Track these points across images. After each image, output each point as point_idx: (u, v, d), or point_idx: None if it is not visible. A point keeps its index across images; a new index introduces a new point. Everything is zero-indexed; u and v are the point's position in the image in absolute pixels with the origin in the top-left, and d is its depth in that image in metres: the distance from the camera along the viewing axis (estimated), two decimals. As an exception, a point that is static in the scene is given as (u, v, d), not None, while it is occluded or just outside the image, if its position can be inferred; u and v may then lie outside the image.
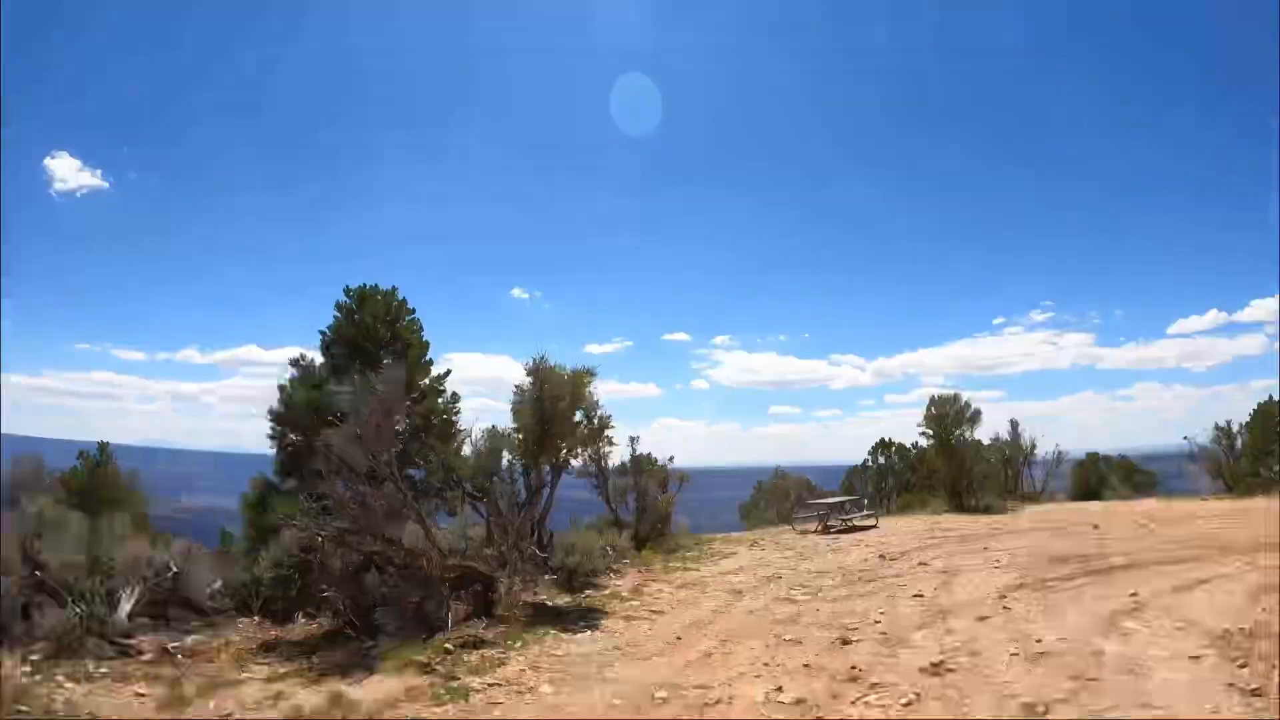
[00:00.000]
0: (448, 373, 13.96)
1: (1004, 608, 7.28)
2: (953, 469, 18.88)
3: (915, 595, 8.13)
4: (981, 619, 6.91)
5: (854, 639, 6.57)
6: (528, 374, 10.42)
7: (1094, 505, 19.52)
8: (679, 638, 7.25)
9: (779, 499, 24.52)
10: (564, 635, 7.58)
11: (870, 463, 25.84)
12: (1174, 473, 26.17)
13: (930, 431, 19.29)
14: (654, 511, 15.93)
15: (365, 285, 14.31)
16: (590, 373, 11.23)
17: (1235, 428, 18.69)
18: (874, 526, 15.93)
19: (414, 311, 14.34)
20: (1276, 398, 18.05)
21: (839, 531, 15.40)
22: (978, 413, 18.94)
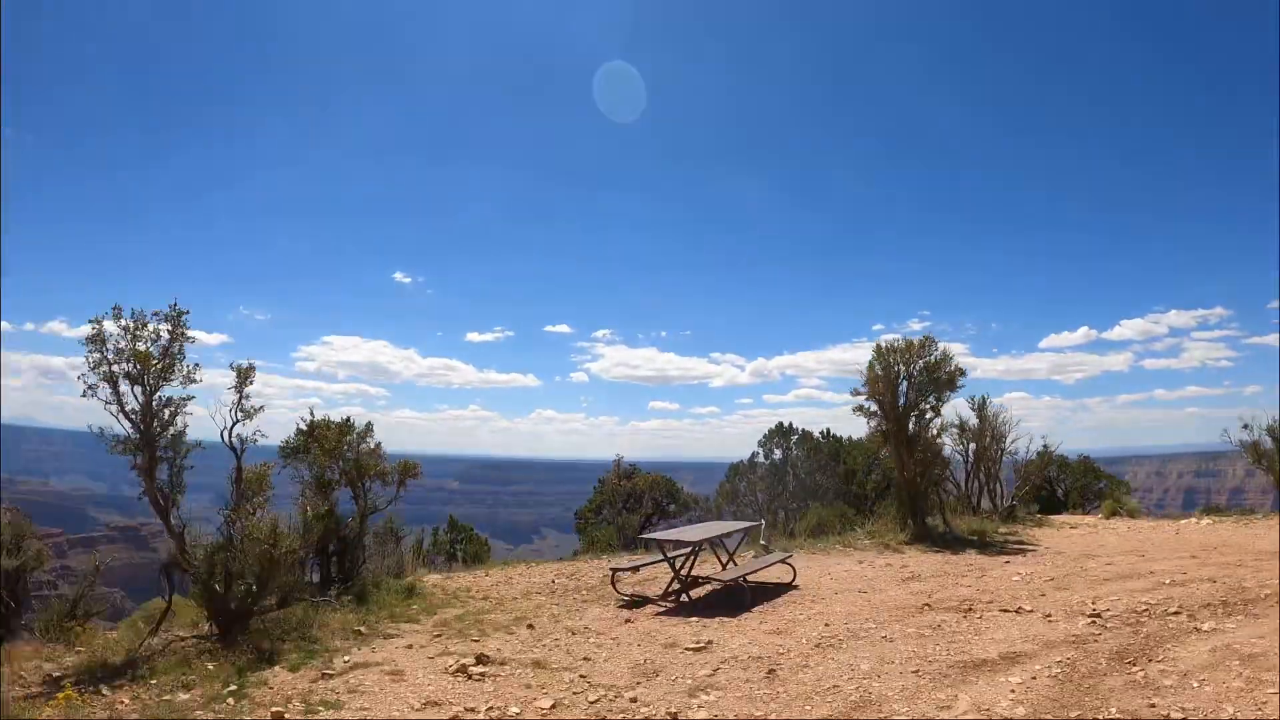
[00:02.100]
0: None
1: None
2: (912, 470, 10.58)
3: None
4: None
5: None
6: None
7: (1119, 526, 11.91)
8: None
9: (621, 504, 15.78)
10: None
11: (761, 458, 17.46)
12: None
13: (874, 404, 10.88)
14: (251, 549, 6.38)
15: None
16: None
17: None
18: (792, 586, 7.17)
19: None
20: None
21: (712, 607, 6.55)
22: (958, 374, 10.70)
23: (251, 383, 6.41)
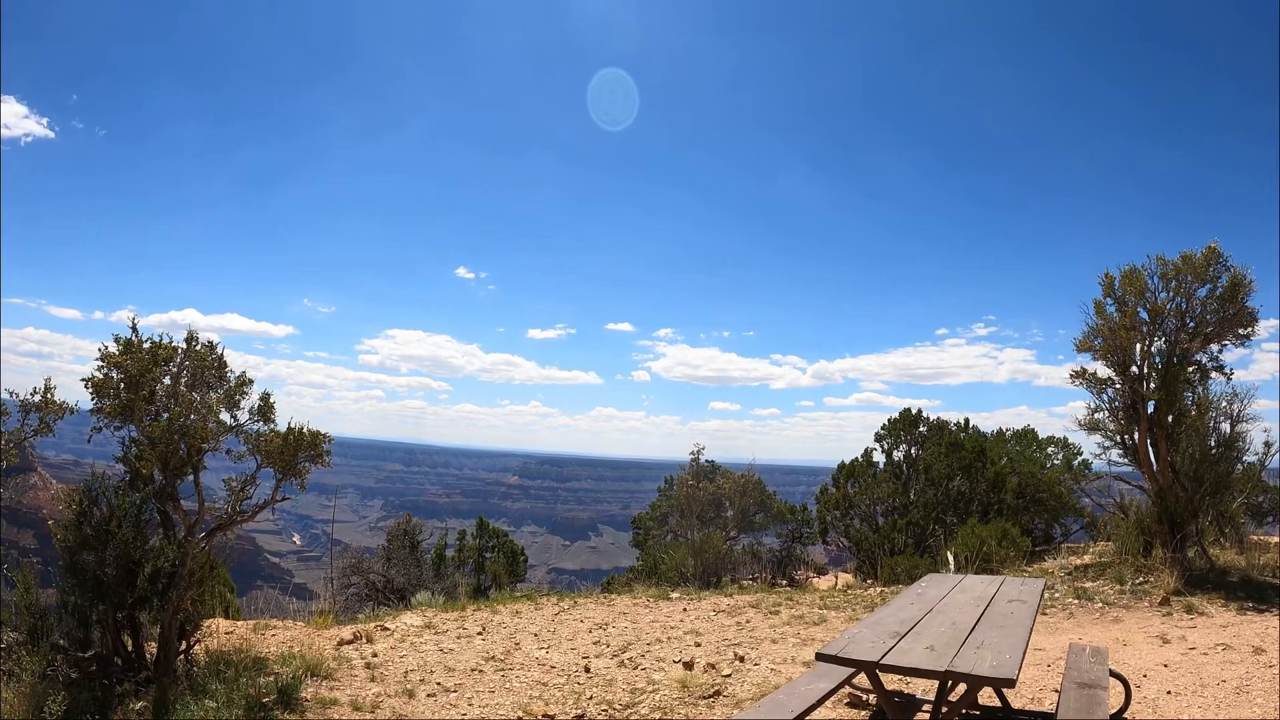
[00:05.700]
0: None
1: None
2: (1187, 468, 6.76)
3: None
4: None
5: None
6: None
7: None
8: None
9: (701, 512, 12.33)
10: None
11: (880, 454, 13.52)
12: None
13: (1108, 366, 7.06)
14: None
15: None
16: None
17: None
18: None
19: None
20: None
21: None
22: (1255, 315, 6.78)
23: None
